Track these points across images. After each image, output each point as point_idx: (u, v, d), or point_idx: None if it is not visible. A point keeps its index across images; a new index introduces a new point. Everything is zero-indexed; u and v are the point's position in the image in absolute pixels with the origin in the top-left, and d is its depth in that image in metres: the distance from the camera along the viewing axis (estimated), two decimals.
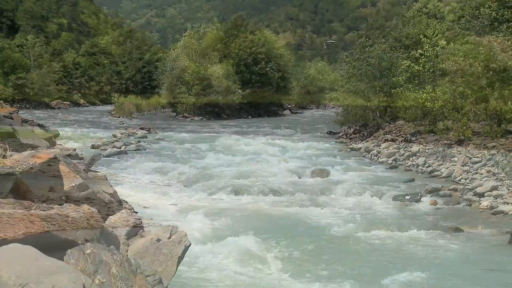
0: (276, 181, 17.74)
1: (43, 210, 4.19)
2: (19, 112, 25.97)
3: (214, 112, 56.17)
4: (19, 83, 65.41)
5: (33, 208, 4.27)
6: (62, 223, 4.05)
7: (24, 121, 19.93)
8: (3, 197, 4.54)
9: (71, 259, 3.84)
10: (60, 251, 3.91)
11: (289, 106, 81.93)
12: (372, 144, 25.25)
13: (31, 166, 5.24)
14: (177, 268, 5.98)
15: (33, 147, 8.85)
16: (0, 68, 65.16)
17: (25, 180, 5.09)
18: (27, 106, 63.44)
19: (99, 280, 3.58)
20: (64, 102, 77.67)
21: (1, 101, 31.70)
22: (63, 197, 6.35)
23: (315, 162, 21.66)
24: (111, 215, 6.97)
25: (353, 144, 28.19)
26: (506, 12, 21.45)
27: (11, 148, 7.05)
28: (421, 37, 28.50)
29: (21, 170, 5.11)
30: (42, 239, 3.80)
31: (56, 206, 4.74)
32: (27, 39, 74.75)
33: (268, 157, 22.18)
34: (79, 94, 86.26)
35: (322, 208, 14.24)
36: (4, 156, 6.38)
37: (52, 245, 3.92)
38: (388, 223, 12.76)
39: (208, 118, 53.67)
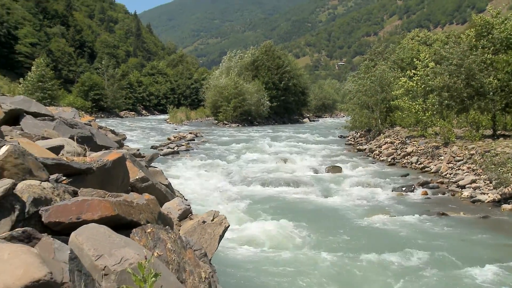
0: (297, 175, 17.64)
1: (114, 198, 4.26)
2: (96, 120, 26.48)
3: (248, 120, 56.33)
4: (96, 97, 66.86)
5: (106, 196, 4.34)
6: (128, 208, 4.10)
7: (100, 127, 20.26)
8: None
9: (136, 236, 3.89)
10: (127, 230, 3.96)
11: (308, 115, 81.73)
12: (375, 146, 24.97)
13: (104, 163, 5.33)
14: (218, 244, 6.00)
15: (106, 147, 9.00)
16: (82, 86, 66.59)
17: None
18: (102, 116, 64.68)
19: (157, 253, 3.62)
20: (130, 112, 78.90)
21: (82, 112, 32.31)
22: (129, 187, 6.44)
23: (329, 160, 21.50)
24: (166, 201, 7.04)
25: (359, 146, 27.89)
26: (482, 40, 21.12)
27: (89, 148, 7.18)
28: (414, 60, 28.10)
29: (97, 166, 5.20)
30: (113, 220, 3.86)
31: (124, 194, 4.81)
32: (102, 63, 76.07)
33: (291, 155, 22.08)
34: (142, 106, 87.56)
35: (334, 197, 14.17)
36: (85, 155, 6.50)
37: (121, 225, 3.98)
38: (388, 208, 12.63)
39: (243, 125, 53.84)
